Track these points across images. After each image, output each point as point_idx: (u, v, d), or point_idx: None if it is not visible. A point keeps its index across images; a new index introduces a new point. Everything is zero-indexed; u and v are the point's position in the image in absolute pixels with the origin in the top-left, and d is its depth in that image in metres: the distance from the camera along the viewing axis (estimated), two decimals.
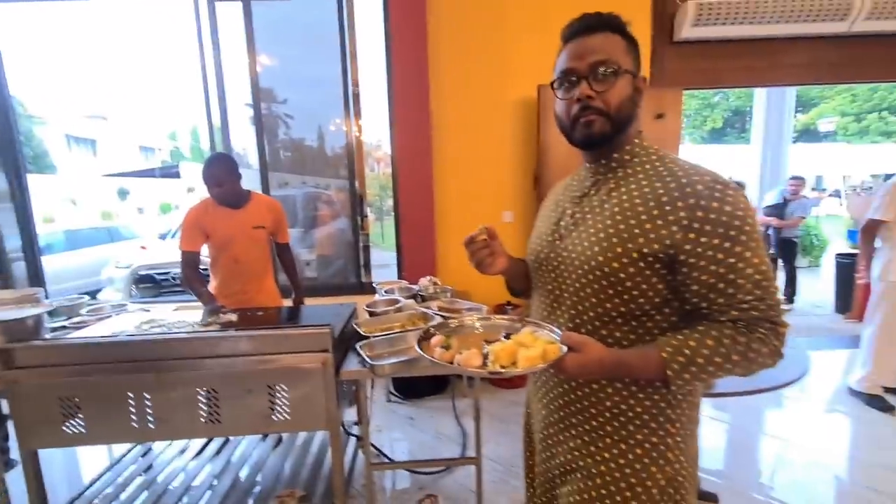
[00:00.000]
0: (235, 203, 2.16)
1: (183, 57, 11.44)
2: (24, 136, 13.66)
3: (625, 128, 0.80)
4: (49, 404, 1.56)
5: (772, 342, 0.71)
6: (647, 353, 0.73)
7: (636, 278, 0.74)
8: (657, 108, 3.05)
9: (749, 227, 0.69)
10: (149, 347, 1.59)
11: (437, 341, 0.87)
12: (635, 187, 0.78)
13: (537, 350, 0.73)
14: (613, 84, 0.77)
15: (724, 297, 0.70)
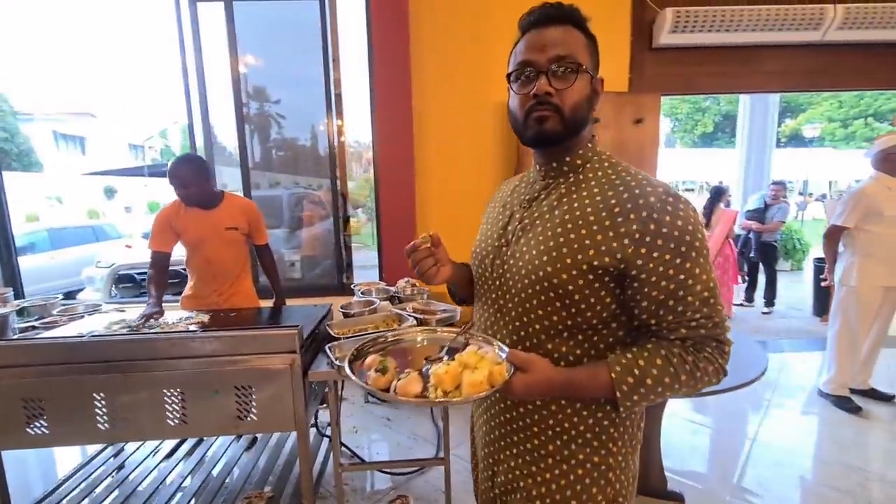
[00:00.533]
0: (207, 204, 2.15)
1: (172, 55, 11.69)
2: (9, 132, 13.47)
3: (578, 129, 0.77)
4: (12, 405, 1.55)
5: (717, 361, 0.70)
6: (595, 372, 0.71)
7: (584, 291, 0.72)
8: (636, 112, 3.09)
9: (699, 242, 0.68)
10: (114, 348, 1.59)
11: (371, 362, 0.79)
12: (587, 195, 0.75)
13: (482, 373, 0.68)
14: (572, 82, 0.73)
15: (673, 314, 0.69)
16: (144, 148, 22.42)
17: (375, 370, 0.76)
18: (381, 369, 0.75)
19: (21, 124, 14.44)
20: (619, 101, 3.06)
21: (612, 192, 0.73)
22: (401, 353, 0.87)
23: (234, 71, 3.26)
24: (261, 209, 2.35)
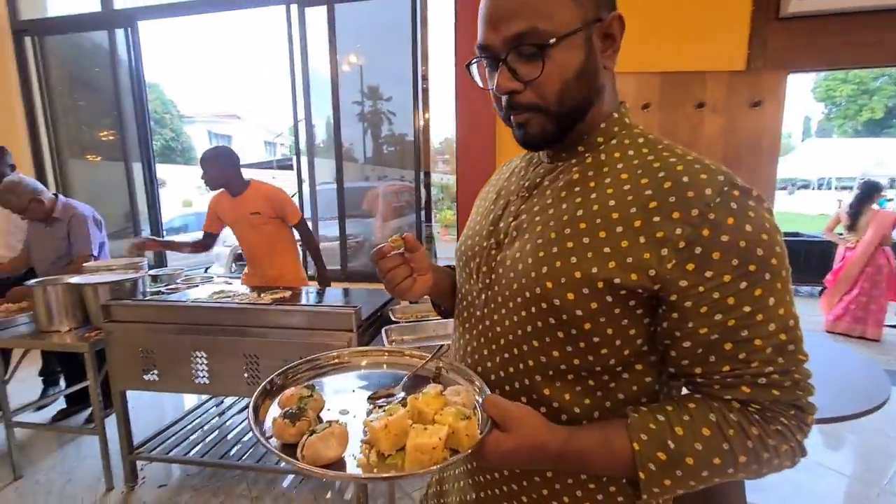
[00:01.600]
0: (235, 191, 2.38)
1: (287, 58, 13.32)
2: (175, 132, 16.25)
3: (579, 115, 0.55)
4: (134, 354, 1.88)
5: (794, 437, 0.49)
6: (609, 437, 0.50)
7: (599, 319, 0.51)
8: (754, 94, 2.67)
9: (776, 259, 0.47)
10: (208, 313, 1.83)
11: (288, 397, 0.58)
12: (610, 182, 0.53)
13: (439, 432, 0.48)
14: (541, 67, 0.51)
15: (731, 363, 0.48)
16: (276, 144, 25.38)
17: (284, 414, 0.53)
18: (294, 413, 0.53)
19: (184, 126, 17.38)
20: (731, 81, 2.67)
21: (648, 180, 0.51)
22: (346, 384, 0.67)
23: (333, 71, 3.52)
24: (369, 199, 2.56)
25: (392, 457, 0.49)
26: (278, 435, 0.52)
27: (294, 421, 0.51)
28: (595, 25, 0.52)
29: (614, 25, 0.54)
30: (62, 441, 2.42)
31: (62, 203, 2.49)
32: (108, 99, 4.00)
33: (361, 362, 0.72)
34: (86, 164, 4.43)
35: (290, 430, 0.51)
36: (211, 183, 2.36)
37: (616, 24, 0.54)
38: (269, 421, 0.54)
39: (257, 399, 0.57)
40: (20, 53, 3.96)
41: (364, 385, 0.67)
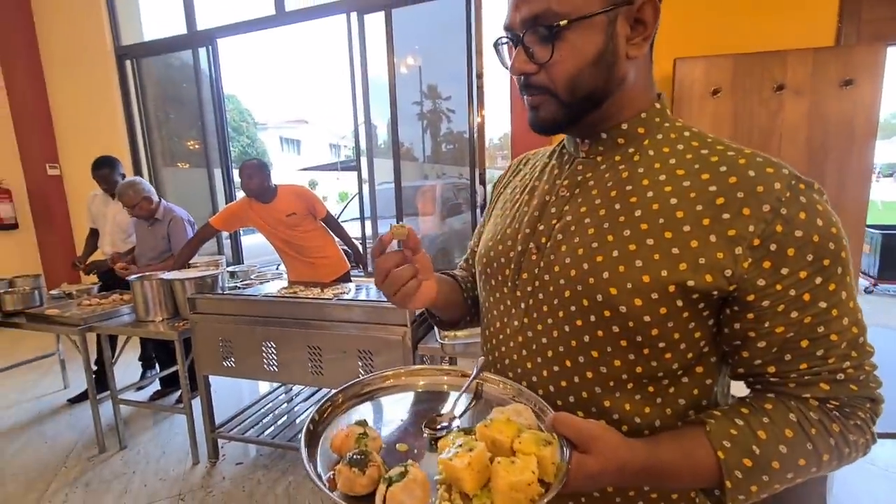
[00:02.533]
0: (265, 198, 2.57)
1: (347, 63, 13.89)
2: (251, 139, 17.52)
3: (596, 102, 0.53)
4: (214, 342, 2.07)
5: (870, 429, 0.49)
6: (688, 448, 0.48)
7: (668, 324, 0.49)
8: (844, 72, 2.40)
9: (846, 252, 0.47)
10: (276, 307, 1.98)
11: (343, 440, 0.51)
12: (666, 179, 0.51)
13: (529, 465, 0.43)
14: (551, 52, 0.49)
15: (808, 360, 0.47)
16: (340, 146, 26.54)
17: (350, 459, 0.47)
18: (359, 460, 0.46)
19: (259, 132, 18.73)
20: (817, 59, 2.41)
21: (710, 175, 0.49)
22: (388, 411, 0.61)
23: (390, 72, 3.63)
24: (422, 198, 2.67)
25: (478, 497, 0.43)
26: (347, 488, 0.45)
27: (362, 469, 0.45)
28: (623, 9, 0.49)
29: (646, 11, 0.50)
30: (157, 418, 2.73)
31: (164, 207, 2.82)
32: (192, 111, 4.41)
33: (410, 381, 0.66)
34: (174, 171, 4.93)
35: (361, 480, 0.45)
36: (255, 193, 2.56)
37: (649, 10, 0.50)
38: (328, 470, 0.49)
39: (307, 448, 0.51)
40: (122, 75, 4.47)
41: (402, 412, 0.61)
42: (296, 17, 3.86)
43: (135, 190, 2.65)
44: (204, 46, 4.15)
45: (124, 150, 4.51)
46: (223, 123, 4.30)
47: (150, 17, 4.62)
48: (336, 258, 2.79)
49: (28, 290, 2.59)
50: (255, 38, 5.24)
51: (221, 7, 4.16)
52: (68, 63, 4.60)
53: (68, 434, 2.58)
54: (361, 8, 3.56)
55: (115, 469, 2.23)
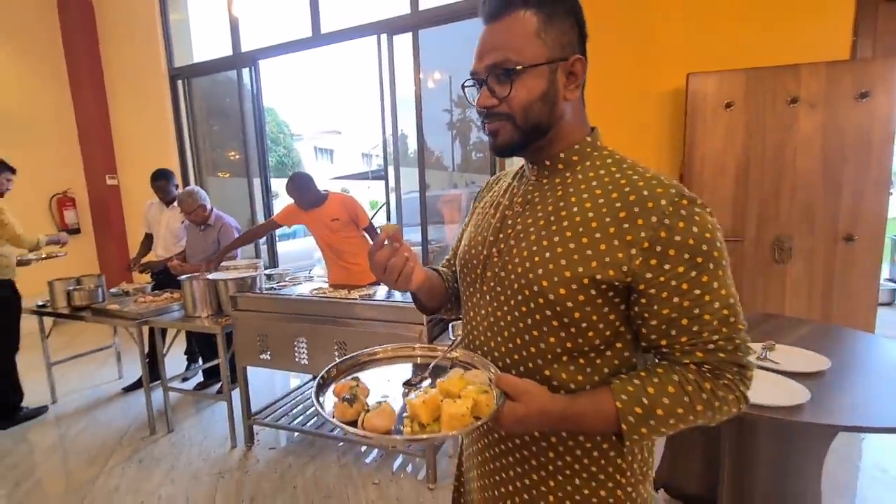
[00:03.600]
0: (315, 204, 2.82)
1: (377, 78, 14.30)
2: (287, 149, 18.26)
3: (541, 131, 0.68)
4: (252, 337, 2.30)
5: (738, 388, 0.62)
6: (598, 400, 0.63)
7: (585, 308, 0.63)
8: (860, 85, 2.42)
9: (717, 252, 0.60)
10: (307, 305, 2.19)
11: (341, 388, 0.71)
12: (588, 197, 0.66)
13: (466, 403, 0.61)
14: (509, 89, 0.65)
15: (687, 334, 0.61)
16: (371, 156, 27.20)
17: (343, 399, 0.67)
18: (350, 398, 0.67)
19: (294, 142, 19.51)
20: (832, 72, 2.45)
21: (617, 194, 0.63)
22: (379, 375, 0.80)
23: (417, 87, 3.84)
24: (446, 206, 2.86)
25: (430, 426, 0.61)
26: (340, 415, 0.65)
27: (351, 404, 0.66)
28: (560, 63, 0.66)
29: (576, 66, 0.66)
30: (200, 406, 2.99)
31: (215, 214, 3.12)
32: (235, 125, 4.77)
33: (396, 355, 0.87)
34: (218, 180, 5.31)
35: (349, 410, 0.65)
36: (305, 204, 2.81)
37: (579, 65, 0.67)
38: (330, 405, 0.69)
39: (317, 391, 0.73)
40: (174, 93, 4.89)
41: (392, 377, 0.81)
42: (331, 39, 4.14)
43: (192, 198, 2.96)
44: (247, 67, 4.49)
45: (174, 161, 4.91)
46: (262, 136, 4.63)
47: (199, 40, 5.03)
48: (367, 266, 2.98)
49: (93, 287, 2.91)
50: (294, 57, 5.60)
51: (263, 30, 4.49)
52: (127, 84, 5.07)
53: (122, 418, 2.87)
54: (391, 30, 3.80)
55: (164, 449, 2.49)
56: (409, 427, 0.62)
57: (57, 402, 3.12)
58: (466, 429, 0.59)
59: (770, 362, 1.44)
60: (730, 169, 2.66)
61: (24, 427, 2.80)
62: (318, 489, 2.11)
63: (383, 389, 0.74)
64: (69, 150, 5.19)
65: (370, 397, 0.71)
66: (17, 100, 4.75)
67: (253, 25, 4.55)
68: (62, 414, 2.97)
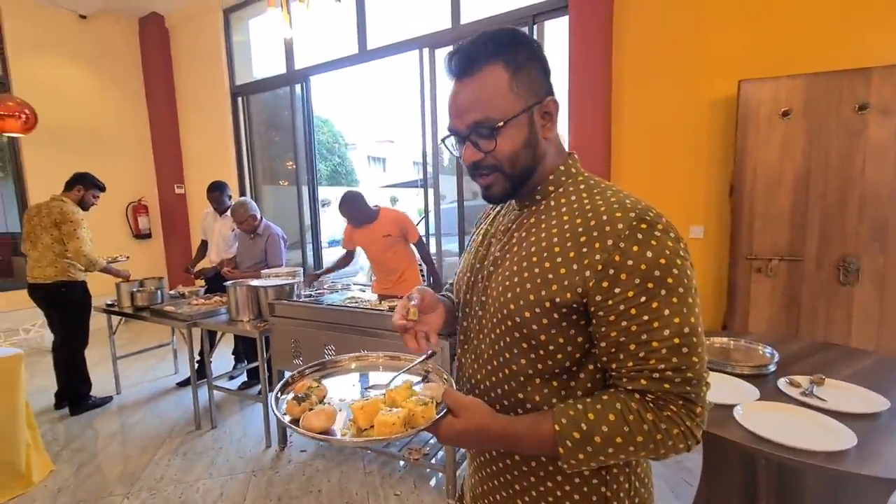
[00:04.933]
0: (367, 221, 2.88)
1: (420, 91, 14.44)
2: (341, 158, 19.00)
3: (529, 175, 0.70)
4: (287, 342, 2.40)
5: (683, 423, 0.59)
6: (538, 422, 0.63)
7: (550, 331, 0.64)
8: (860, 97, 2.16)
9: (672, 278, 0.58)
10: (338, 314, 2.26)
11: (301, 386, 0.76)
12: (556, 223, 0.67)
13: (399, 413, 0.63)
14: (495, 144, 0.66)
15: (633, 360, 0.60)
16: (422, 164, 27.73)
17: (295, 396, 0.71)
18: (301, 397, 0.71)
19: (348, 151, 20.26)
20: None
21: (581, 220, 0.64)
22: (351, 378, 0.84)
23: None
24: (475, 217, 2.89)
25: (367, 431, 0.65)
26: (289, 411, 0.70)
27: (300, 402, 0.70)
28: (535, 107, 0.67)
29: (550, 106, 0.69)
30: (243, 405, 3.16)
31: (264, 223, 3.31)
32: (287, 137, 5.04)
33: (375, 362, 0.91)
34: (272, 189, 5.63)
35: (297, 408, 0.69)
36: (355, 221, 2.90)
37: (551, 105, 0.69)
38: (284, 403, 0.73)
39: (280, 388, 0.77)
40: (234, 109, 5.25)
41: (365, 382, 0.85)
42: (376, 55, 4.28)
43: (244, 208, 3.18)
44: (299, 83, 4.75)
45: (232, 171, 5.27)
46: (312, 147, 4.85)
47: (258, 59, 5.37)
48: (412, 281, 3.00)
49: (153, 289, 3.17)
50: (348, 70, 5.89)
51: (314, 48, 4.73)
52: (194, 101, 5.51)
53: (174, 412, 3.09)
54: (433, 44, 3.87)
55: (206, 443, 2.65)
56: (348, 429, 0.66)
57: (121, 393, 3.41)
58: (398, 435, 0.62)
59: (815, 399, 1.29)
60: (787, 181, 2.45)
61: (91, 415, 3.09)
62: (341, 495, 2.15)
63: (346, 393, 0.79)
64: (144, 162, 5.71)
65: (328, 400, 0.75)
66: (103, 118, 5.30)
67: (305, 44, 4.80)
68: (124, 404, 3.25)
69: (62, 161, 4.60)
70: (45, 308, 3.08)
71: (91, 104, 5.22)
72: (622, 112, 3.06)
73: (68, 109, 4.98)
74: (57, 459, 2.50)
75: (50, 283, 2.96)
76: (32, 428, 2.33)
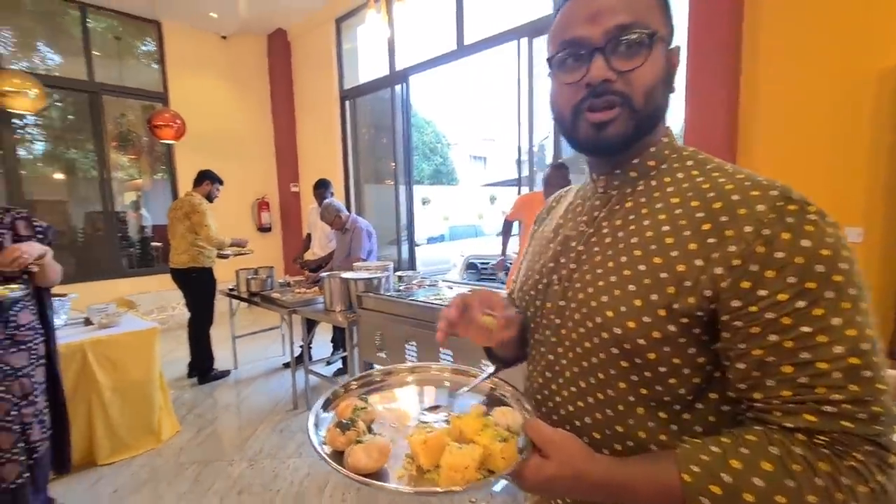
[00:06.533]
0: None
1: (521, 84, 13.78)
2: (443, 158, 19.49)
3: (655, 125, 0.55)
4: (373, 334, 2.45)
5: (874, 478, 0.41)
6: (656, 469, 0.47)
7: (663, 348, 0.49)
8: None
9: (841, 275, 0.43)
10: (421, 311, 2.24)
11: (344, 407, 0.61)
12: (662, 207, 0.53)
13: (474, 452, 0.49)
14: (644, 59, 0.51)
15: (791, 388, 0.43)
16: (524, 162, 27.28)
17: (337, 423, 0.57)
18: (345, 424, 0.56)
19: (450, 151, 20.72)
20: None
21: (699, 202, 0.50)
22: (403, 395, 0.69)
23: None
24: None
25: (430, 472, 0.51)
26: (330, 442, 0.55)
27: (344, 430, 0.55)
28: (672, 47, 0.56)
29: (676, 55, 0.56)
30: None
31: (352, 219, 3.48)
32: (389, 136, 5.23)
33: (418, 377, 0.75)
34: (373, 188, 5.91)
35: (341, 438, 0.55)
36: (551, 188, 2.75)
37: (676, 56, 0.56)
38: (324, 429, 0.58)
39: (318, 409, 0.62)
40: (342, 112, 5.61)
41: (420, 401, 0.70)
42: (474, 49, 4.22)
43: (329, 210, 3.38)
44: (399, 83, 4.89)
45: (339, 171, 5.63)
46: (409, 147, 4.97)
47: (364, 64, 5.67)
48: None
49: (265, 277, 3.49)
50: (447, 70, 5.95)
51: (414, 49, 4.84)
52: (310, 106, 6.01)
53: (278, 390, 3.37)
54: (532, 33, 3.70)
55: (301, 424, 2.83)
56: (406, 469, 0.53)
57: (237, 368, 3.83)
58: (469, 486, 0.47)
59: None
60: None
61: (213, 385, 3.51)
62: None
63: (399, 417, 0.64)
64: (268, 163, 6.38)
65: (377, 425, 0.61)
66: (235, 125, 6.04)
67: (405, 45, 4.93)
68: (239, 379, 3.64)
69: (204, 163, 5.26)
70: (180, 289, 3.57)
71: (227, 113, 5.97)
72: (757, 83, 2.57)
73: (209, 118, 5.74)
74: (182, 422, 2.87)
75: (184, 269, 3.43)
76: (164, 392, 2.70)
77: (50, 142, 5.31)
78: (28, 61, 4.85)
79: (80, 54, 4.99)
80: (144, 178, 6.04)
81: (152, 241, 6.02)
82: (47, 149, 5.31)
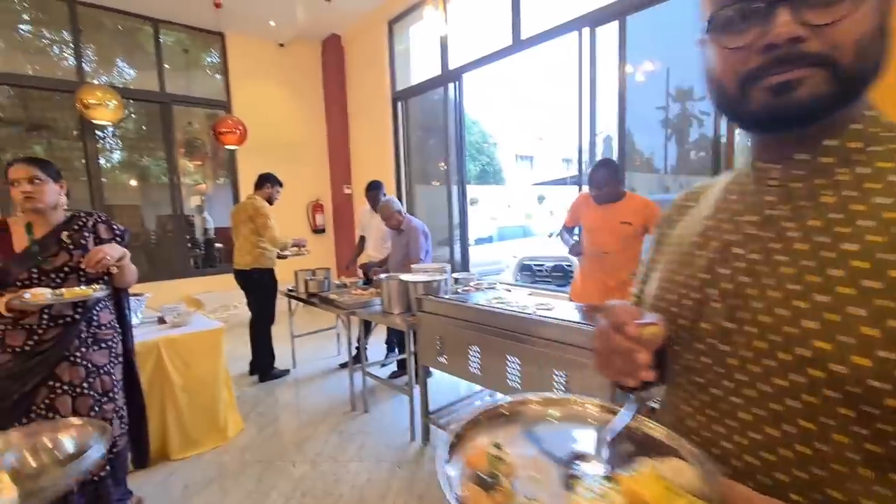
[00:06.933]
0: (612, 199, 2.44)
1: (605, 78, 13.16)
2: (489, 158, 19.31)
3: (861, 92, 0.43)
4: (433, 339, 2.38)
5: None
6: None
7: None
8: None
9: None
10: (482, 315, 2.13)
11: (477, 456, 0.50)
12: (893, 203, 0.41)
13: None
14: (845, 7, 0.39)
15: None
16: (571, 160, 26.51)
17: (480, 479, 0.46)
18: (488, 481, 0.46)
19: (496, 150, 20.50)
20: None
21: None
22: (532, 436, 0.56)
23: (621, 83, 3.44)
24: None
25: None
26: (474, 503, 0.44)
27: (488, 490, 0.45)
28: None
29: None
30: (393, 393, 3.30)
31: (407, 219, 3.44)
32: (441, 137, 5.18)
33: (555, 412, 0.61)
34: (424, 188, 5.88)
35: (483, 499, 0.44)
36: (601, 199, 2.45)
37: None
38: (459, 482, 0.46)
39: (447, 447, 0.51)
40: (394, 113, 5.62)
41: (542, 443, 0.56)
42: (531, 42, 4.07)
43: (388, 206, 3.34)
44: (452, 82, 4.82)
45: (390, 172, 5.64)
46: (462, 147, 4.89)
47: (416, 64, 5.65)
48: (628, 282, 2.47)
49: (322, 279, 3.52)
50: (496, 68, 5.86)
51: (468, 46, 4.75)
52: (362, 109, 6.07)
53: (336, 390, 3.39)
54: (593, 22, 3.50)
55: (359, 426, 2.81)
56: None
57: (296, 367, 3.89)
58: None
59: None
60: None
61: (274, 384, 3.58)
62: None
63: (530, 466, 0.50)
64: (321, 166, 6.52)
65: (517, 478, 0.48)
66: (291, 129, 6.21)
67: (459, 43, 4.85)
68: (299, 378, 3.70)
69: (263, 167, 5.44)
70: (243, 289, 3.67)
71: (284, 118, 6.15)
72: None
73: (268, 123, 5.93)
74: (246, 419, 2.93)
75: (247, 270, 3.52)
76: (230, 390, 2.76)
77: (126, 150, 5.70)
78: (108, 76, 5.22)
79: (153, 67, 5.30)
80: (208, 182, 6.35)
81: (215, 243, 6.32)
82: (123, 157, 5.70)
